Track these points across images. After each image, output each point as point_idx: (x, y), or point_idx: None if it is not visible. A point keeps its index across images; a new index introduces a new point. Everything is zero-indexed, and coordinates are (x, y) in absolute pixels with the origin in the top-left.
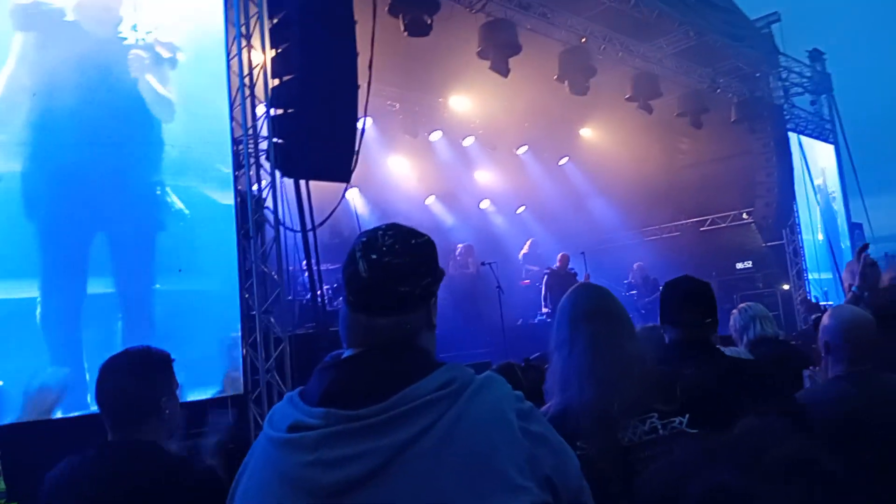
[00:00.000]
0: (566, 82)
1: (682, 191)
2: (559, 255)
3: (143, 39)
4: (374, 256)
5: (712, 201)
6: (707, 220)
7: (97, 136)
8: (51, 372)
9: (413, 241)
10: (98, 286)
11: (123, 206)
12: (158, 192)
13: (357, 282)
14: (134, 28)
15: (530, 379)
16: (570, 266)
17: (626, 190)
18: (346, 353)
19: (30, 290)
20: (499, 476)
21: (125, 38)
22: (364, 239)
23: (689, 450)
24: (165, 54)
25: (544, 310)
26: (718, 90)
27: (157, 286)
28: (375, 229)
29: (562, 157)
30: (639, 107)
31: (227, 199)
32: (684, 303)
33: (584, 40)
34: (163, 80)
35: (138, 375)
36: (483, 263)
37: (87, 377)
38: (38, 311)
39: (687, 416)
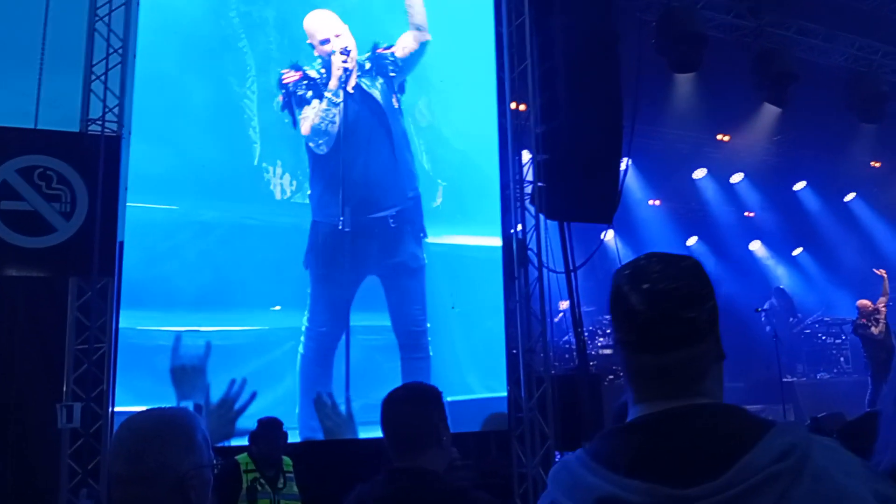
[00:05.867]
0: (854, 110)
1: None
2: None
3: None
4: (646, 286)
5: None
6: None
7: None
8: None
9: (682, 264)
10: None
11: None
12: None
13: (634, 318)
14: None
15: None
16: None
17: None
18: (642, 410)
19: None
20: None
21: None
22: (627, 272)
23: None
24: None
25: None
26: None
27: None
28: (635, 260)
29: (847, 193)
30: None
31: (496, 241)
32: None
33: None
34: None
35: (418, 410)
36: (757, 310)
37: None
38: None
39: None
